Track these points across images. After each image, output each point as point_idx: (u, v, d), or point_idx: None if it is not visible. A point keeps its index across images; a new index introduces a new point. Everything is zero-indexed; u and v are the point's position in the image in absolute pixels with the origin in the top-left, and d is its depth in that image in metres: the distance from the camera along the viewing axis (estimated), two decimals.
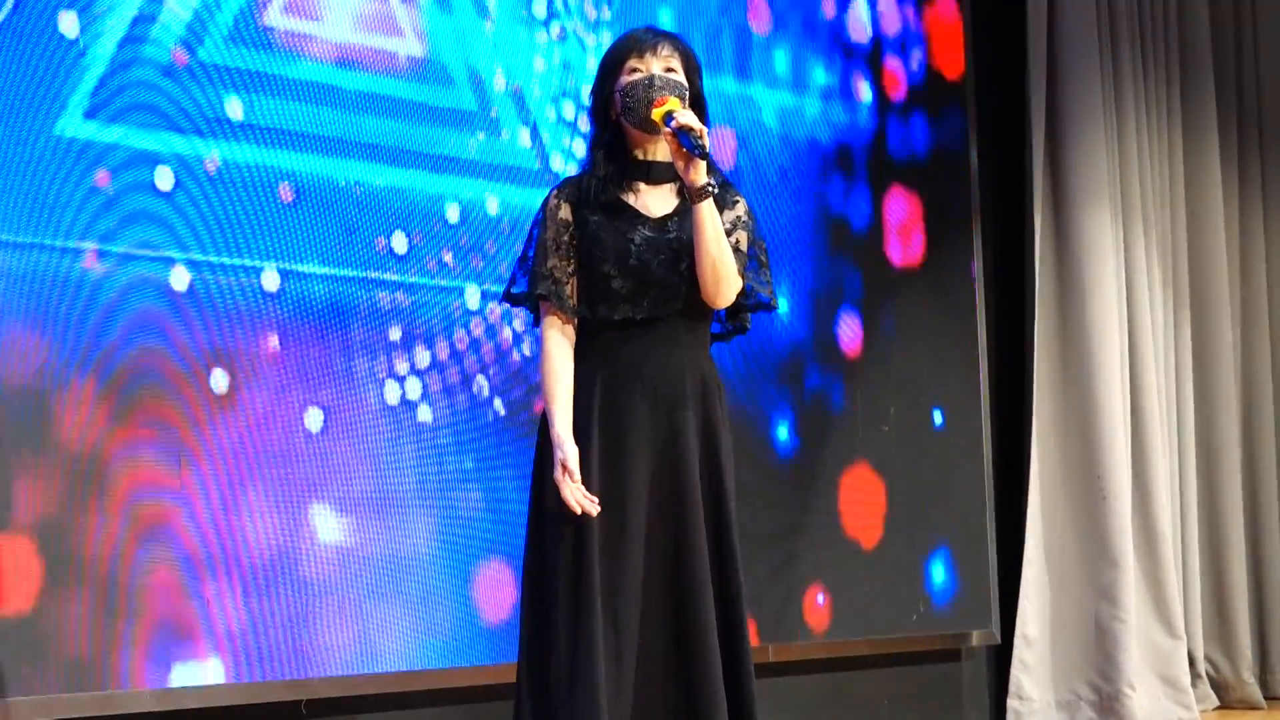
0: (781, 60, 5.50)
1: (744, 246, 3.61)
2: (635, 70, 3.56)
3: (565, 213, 3.60)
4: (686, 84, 3.57)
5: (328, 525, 4.28)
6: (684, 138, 3.44)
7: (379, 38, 4.48)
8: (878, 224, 5.79)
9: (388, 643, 4.37)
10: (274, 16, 4.27)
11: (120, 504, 3.92)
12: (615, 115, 3.59)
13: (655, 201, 3.61)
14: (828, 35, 5.69)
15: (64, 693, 3.81)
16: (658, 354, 3.55)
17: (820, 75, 5.63)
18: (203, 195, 4.11)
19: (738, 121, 5.30)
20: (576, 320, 3.58)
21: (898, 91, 5.91)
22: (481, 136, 4.65)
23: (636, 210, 3.59)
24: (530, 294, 3.58)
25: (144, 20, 4.03)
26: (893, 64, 5.91)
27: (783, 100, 5.49)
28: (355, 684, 4.32)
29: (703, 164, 3.47)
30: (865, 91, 5.79)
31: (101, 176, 3.94)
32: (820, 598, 5.44)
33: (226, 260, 4.14)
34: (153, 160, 4.03)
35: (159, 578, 3.96)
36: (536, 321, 3.63)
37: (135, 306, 3.98)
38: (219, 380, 4.11)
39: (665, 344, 3.56)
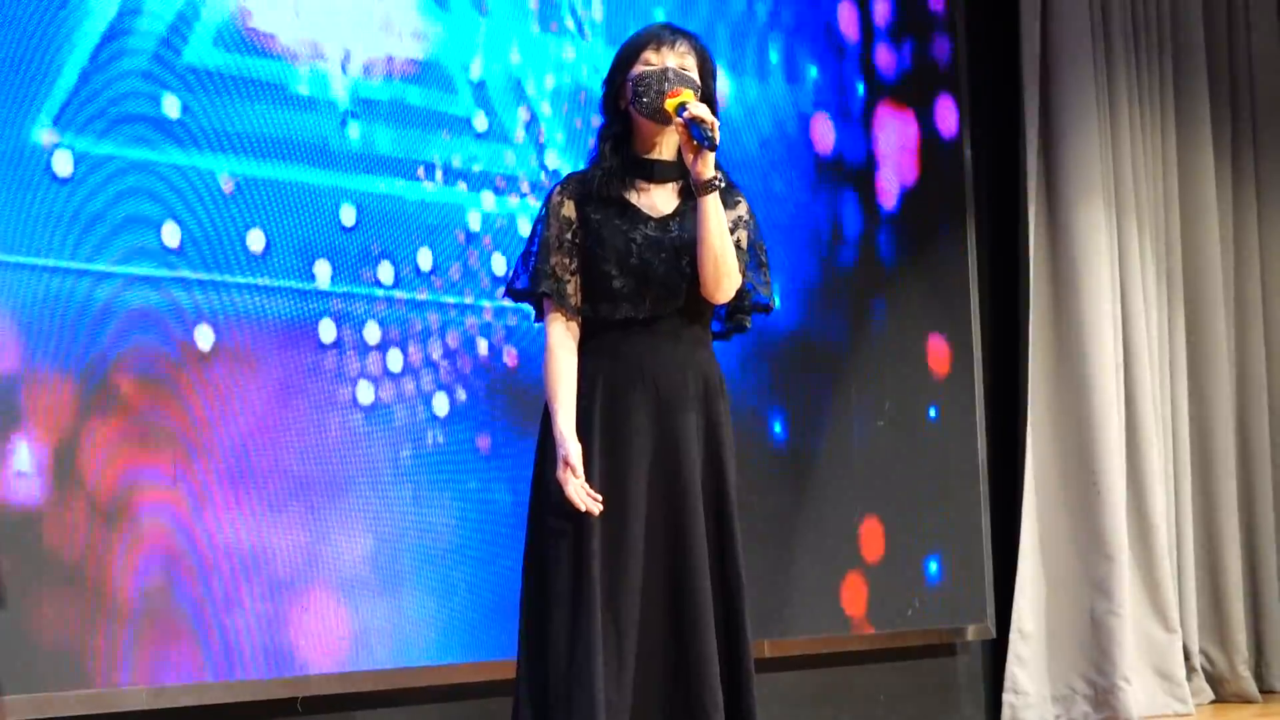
0: (774, 54, 5.49)
1: (744, 245, 3.62)
2: (649, 63, 3.56)
3: (569, 210, 3.59)
4: (699, 83, 3.57)
5: (324, 522, 4.27)
6: (695, 129, 3.45)
7: (375, 38, 4.46)
8: (872, 217, 5.78)
9: (384, 639, 4.36)
10: (263, 18, 4.25)
11: (114, 501, 3.90)
12: (625, 105, 3.59)
13: (658, 200, 3.61)
14: (820, 28, 5.68)
15: (59, 690, 3.79)
16: (660, 353, 3.56)
17: (812, 69, 5.63)
18: (200, 203, 4.10)
19: (731, 113, 5.29)
20: (580, 318, 3.57)
21: (891, 85, 5.90)
22: (480, 130, 4.65)
23: (639, 209, 3.59)
24: (533, 291, 3.57)
25: (125, 19, 4.00)
26: (885, 58, 5.90)
27: (776, 93, 5.48)
28: (351, 680, 4.31)
29: (711, 157, 3.48)
30: (858, 85, 5.78)
31: (88, 185, 3.93)
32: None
33: (219, 263, 4.13)
34: (140, 168, 4.01)
35: (154, 574, 3.95)
36: (538, 318, 3.63)
37: (131, 307, 3.97)
38: (214, 380, 4.09)
39: (667, 343, 3.57)
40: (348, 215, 4.38)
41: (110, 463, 3.91)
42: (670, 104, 3.49)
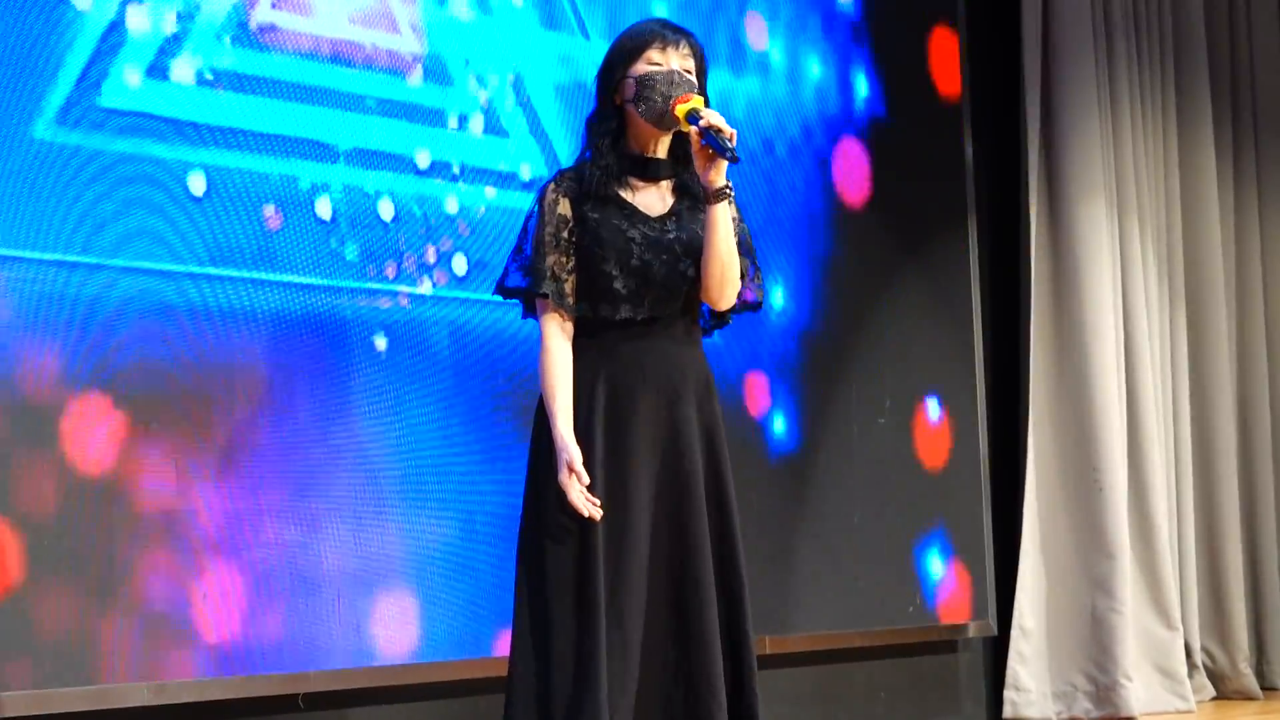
0: (776, 48, 5.50)
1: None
2: (653, 62, 3.52)
3: (564, 207, 3.54)
4: (697, 84, 3.55)
5: (325, 519, 4.29)
6: (712, 139, 3.40)
7: (375, 35, 4.48)
8: (873, 215, 5.79)
9: (385, 636, 4.38)
10: (264, 12, 4.27)
11: (116, 497, 3.92)
12: (621, 101, 3.55)
13: (652, 199, 3.58)
14: (823, 25, 5.69)
15: (59, 687, 3.81)
16: (659, 352, 3.54)
17: (816, 65, 5.64)
18: (194, 203, 4.11)
19: (731, 111, 5.30)
20: (575, 317, 3.54)
21: (893, 82, 5.91)
22: (480, 127, 4.66)
23: (635, 207, 3.55)
24: (531, 291, 3.52)
25: (126, 17, 4.02)
26: (888, 54, 5.90)
27: (775, 91, 5.49)
28: (352, 677, 4.32)
29: (724, 165, 3.44)
30: (861, 83, 5.79)
31: (93, 184, 3.95)
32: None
33: (224, 260, 4.15)
34: (141, 165, 4.03)
35: (157, 571, 3.97)
36: (526, 314, 3.61)
37: (134, 309, 3.98)
38: (216, 378, 4.11)
39: (666, 342, 3.55)
40: (351, 212, 4.40)
41: (112, 459, 3.92)
42: (681, 110, 3.45)
